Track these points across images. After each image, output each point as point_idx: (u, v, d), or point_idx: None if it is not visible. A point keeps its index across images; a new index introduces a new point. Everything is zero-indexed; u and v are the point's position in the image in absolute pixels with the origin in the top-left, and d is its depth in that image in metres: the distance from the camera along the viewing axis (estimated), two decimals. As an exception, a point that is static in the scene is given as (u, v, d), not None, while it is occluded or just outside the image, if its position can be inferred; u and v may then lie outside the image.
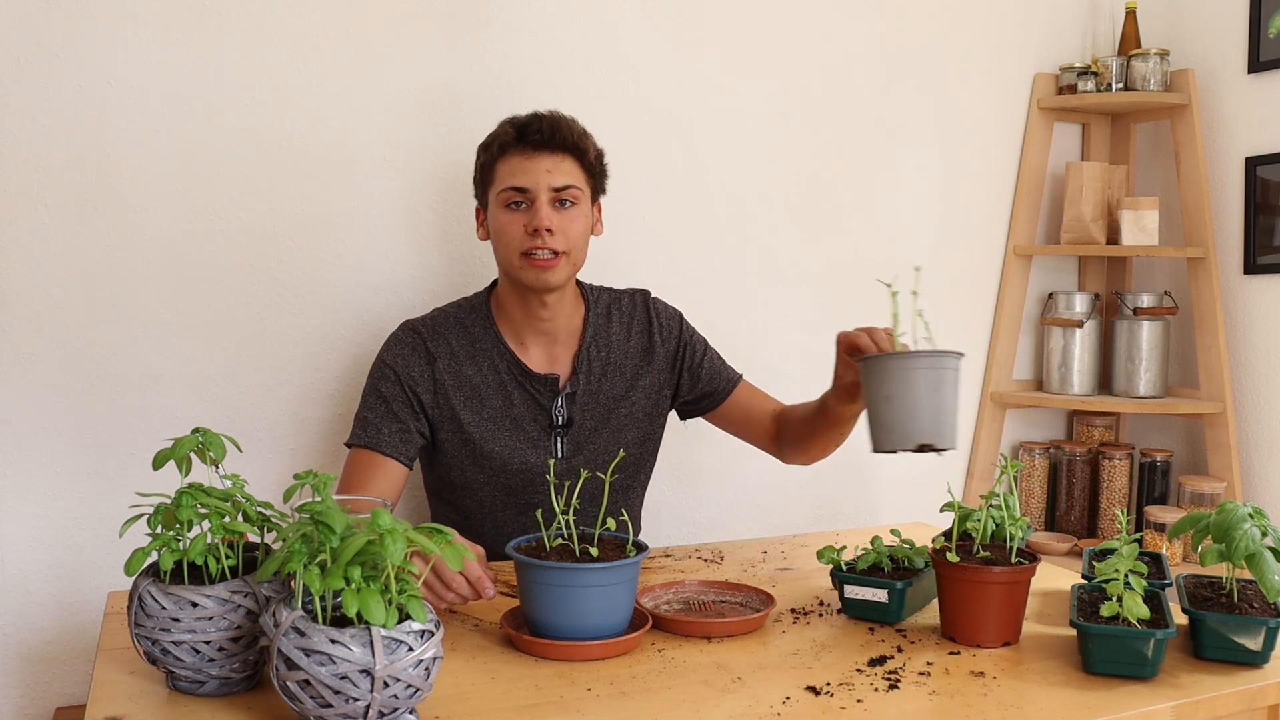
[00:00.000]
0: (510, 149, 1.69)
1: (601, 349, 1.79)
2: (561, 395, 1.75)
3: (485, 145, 1.74)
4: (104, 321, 1.85)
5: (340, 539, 1.01)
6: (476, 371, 1.73)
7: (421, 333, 1.74)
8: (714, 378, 1.86)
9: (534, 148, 1.67)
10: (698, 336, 1.89)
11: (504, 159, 1.69)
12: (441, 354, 1.73)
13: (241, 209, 1.93)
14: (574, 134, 1.70)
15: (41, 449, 1.83)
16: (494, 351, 1.74)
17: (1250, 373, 2.58)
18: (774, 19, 2.37)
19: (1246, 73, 2.55)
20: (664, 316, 1.86)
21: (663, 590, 1.47)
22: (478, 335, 1.75)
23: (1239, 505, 1.29)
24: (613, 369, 1.79)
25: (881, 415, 1.35)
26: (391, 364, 1.72)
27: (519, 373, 1.74)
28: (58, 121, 1.80)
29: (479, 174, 1.75)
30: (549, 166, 1.67)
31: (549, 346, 1.77)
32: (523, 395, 1.74)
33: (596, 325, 1.80)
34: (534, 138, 1.67)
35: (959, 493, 2.72)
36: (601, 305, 1.82)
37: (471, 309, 1.78)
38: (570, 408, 1.75)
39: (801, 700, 1.15)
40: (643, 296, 1.87)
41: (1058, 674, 1.23)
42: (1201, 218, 2.59)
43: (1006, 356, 2.72)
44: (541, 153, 1.67)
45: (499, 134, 1.71)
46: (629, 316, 1.83)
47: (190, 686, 1.12)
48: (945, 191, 2.61)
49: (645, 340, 1.83)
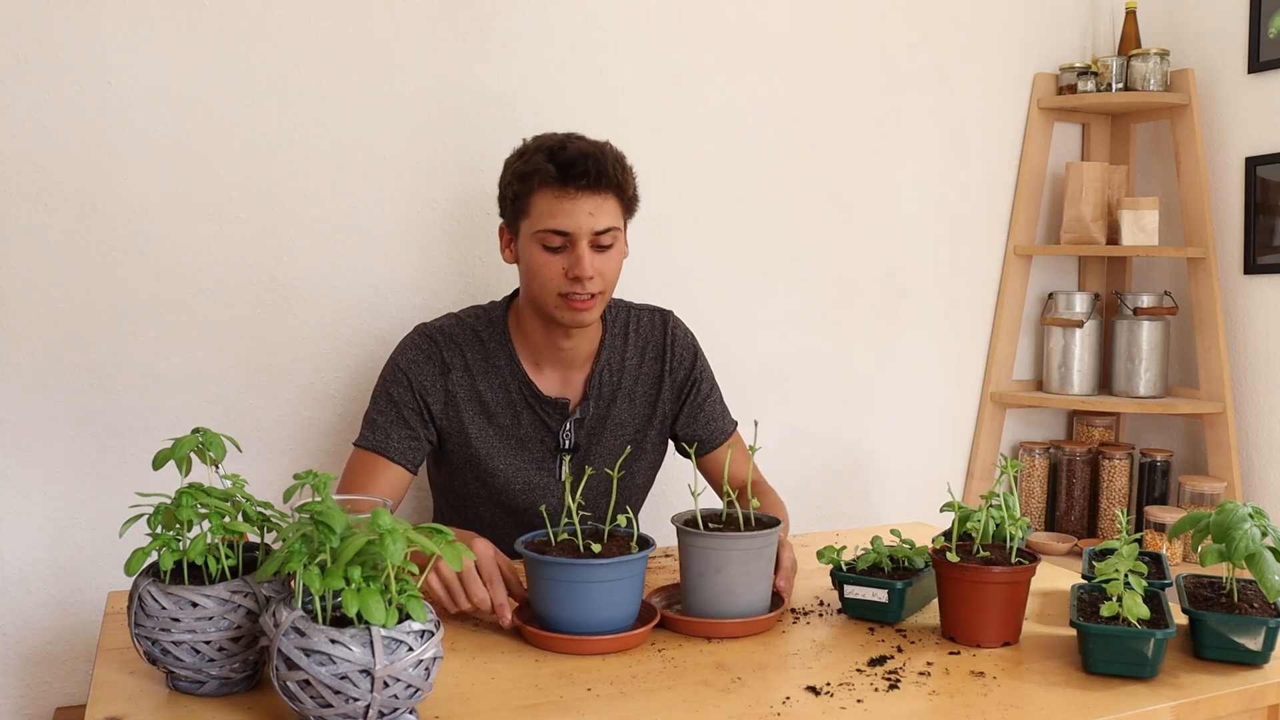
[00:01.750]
0: (549, 184, 1.58)
1: (614, 373, 1.75)
2: (570, 420, 1.72)
3: (521, 175, 1.61)
4: (104, 321, 1.85)
5: (340, 539, 1.01)
6: (488, 388, 1.70)
7: (438, 340, 1.70)
8: (709, 424, 1.82)
9: (577, 189, 1.57)
10: (708, 375, 1.84)
11: (541, 194, 1.59)
12: (456, 365, 1.69)
13: (241, 209, 1.93)
14: (618, 172, 1.61)
15: (41, 449, 1.83)
16: (506, 370, 1.70)
17: (1250, 373, 2.58)
18: (774, 20, 2.37)
19: (1246, 73, 2.55)
20: (680, 345, 1.80)
21: (663, 590, 1.47)
22: (492, 351, 1.71)
23: (1239, 505, 1.29)
24: (623, 394, 1.76)
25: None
26: (405, 369, 1.68)
27: (530, 394, 1.70)
28: (58, 121, 1.80)
29: (511, 201, 1.64)
30: (591, 209, 1.58)
31: (563, 370, 1.73)
32: (531, 416, 1.71)
33: (611, 348, 1.75)
34: (580, 180, 1.57)
35: (959, 493, 2.72)
36: (619, 325, 1.77)
37: (488, 322, 1.73)
38: (578, 432, 1.73)
39: (801, 700, 1.15)
40: (663, 318, 1.81)
41: (1058, 674, 1.23)
42: (1201, 218, 2.59)
43: (1006, 356, 2.72)
44: (584, 194, 1.57)
45: (537, 167, 1.59)
46: (645, 339, 1.79)
47: (190, 686, 1.12)
48: (945, 191, 2.61)
49: (658, 366, 1.79)
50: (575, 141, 1.62)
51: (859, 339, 2.54)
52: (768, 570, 1.37)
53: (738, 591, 1.34)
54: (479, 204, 2.10)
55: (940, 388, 2.66)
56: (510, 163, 1.66)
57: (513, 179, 1.63)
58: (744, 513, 1.40)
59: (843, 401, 2.53)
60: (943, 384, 2.66)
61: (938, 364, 2.65)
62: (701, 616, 1.34)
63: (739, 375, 2.32)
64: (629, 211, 1.68)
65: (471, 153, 2.09)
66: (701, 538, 1.33)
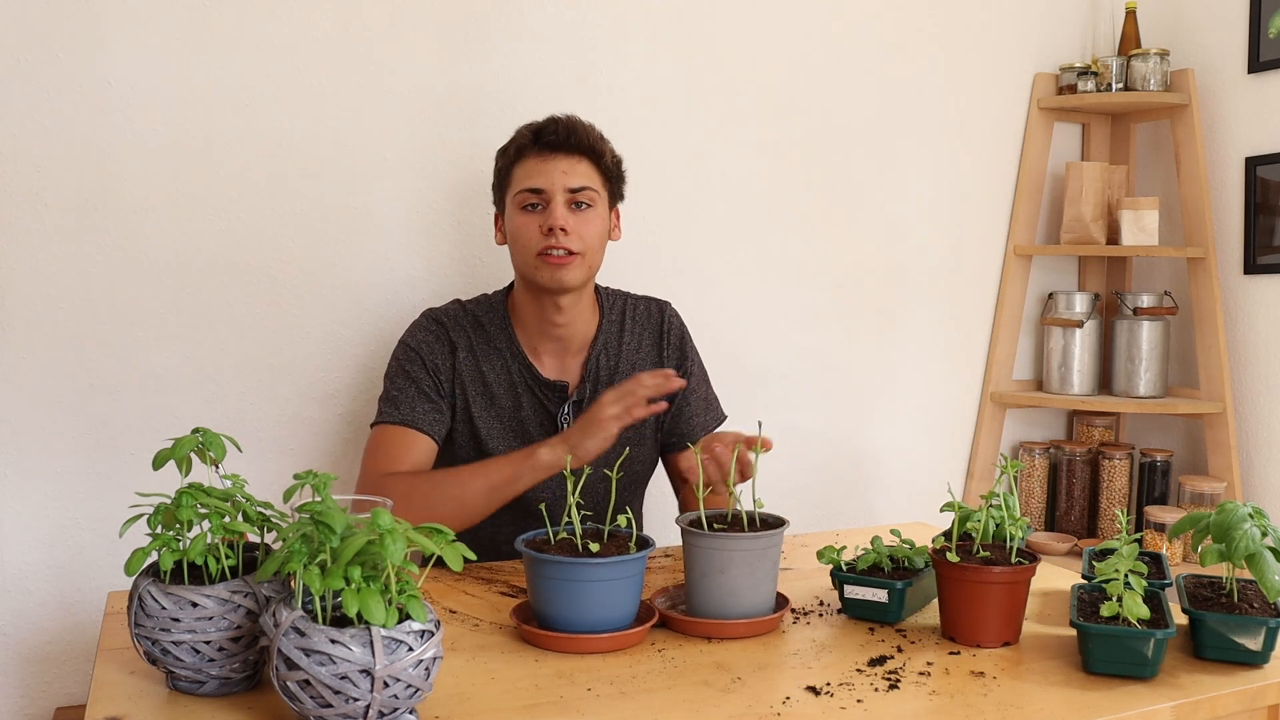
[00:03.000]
0: (527, 152, 1.69)
1: (611, 358, 1.79)
2: (569, 403, 1.75)
3: (503, 151, 1.74)
4: (104, 321, 1.85)
5: (340, 539, 1.01)
6: (490, 369, 1.74)
7: (444, 322, 1.75)
8: (690, 420, 1.84)
9: (550, 149, 1.67)
10: (699, 369, 1.86)
11: (520, 162, 1.70)
12: (461, 345, 1.74)
13: (241, 209, 1.93)
14: (590, 137, 1.70)
15: (41, 449, 1.83)
16: (507, 352, 1.75)
17: (1250, 373, 2.58)
18: (773, 20, 2.37)
19: (1246, 73, 2.55)
20: (673, 332, 1.85)
21: (666, 591, 1.47)
22: (493, 334, 1.75)
23: (1239, 505, 1.29)
24: (620, 378, 1.77)
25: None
26: (416, 348, 1.72)
27: (530, 377, 1.74)
28: (58, 121, 1.80)
29: (496, 179, 1.76)
30: (565, 168, 1.67)
31: (560, 354, 1.77)
32: (531, 400, 1.74)
33: (608, 334, 1.79)
34: (550, 139, 1.67)
35: (959, 493, 2.72)
36: (615, 312, 1.82)
37: (489, 307, 1.78)
38: (576, 416, 1.75)
39: (801, 700, 1.15)
40: (659, 307, 1.86)
41: (1058, 674, 1.23)
42: (1201, 218, 2.59)
43: (1006, 356, 2.72)
44: (557, 154, 1.67)
45: (516, 139, 1.72)
46: (642, 327, 1.83)
47: (190, 686, 1.12)
48: (945, 191, 2.61)
49: (655, 354, 1.82)
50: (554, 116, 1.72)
51: (859, 339, 2.54)
52: (772, 571, 1.37)
53: (741, 592, 1.33)
54: (478, 203, 2.10)
55: (940, 388, 2.66)
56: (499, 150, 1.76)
57: (498, 157, 1.76)
58: (749, 513, 1.40)
59: (843, 401, 2.53)
60: (943, 384, 2.66)
61: (938, 364, 2.65)
62: (705, 617, 1.34)
63: (739, 375, 2.32)
64: (610, 182, 1.74)
65: (471, 152, 2.09)
66: (705, 538, 1.33)
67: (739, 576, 1.33)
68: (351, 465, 2.04)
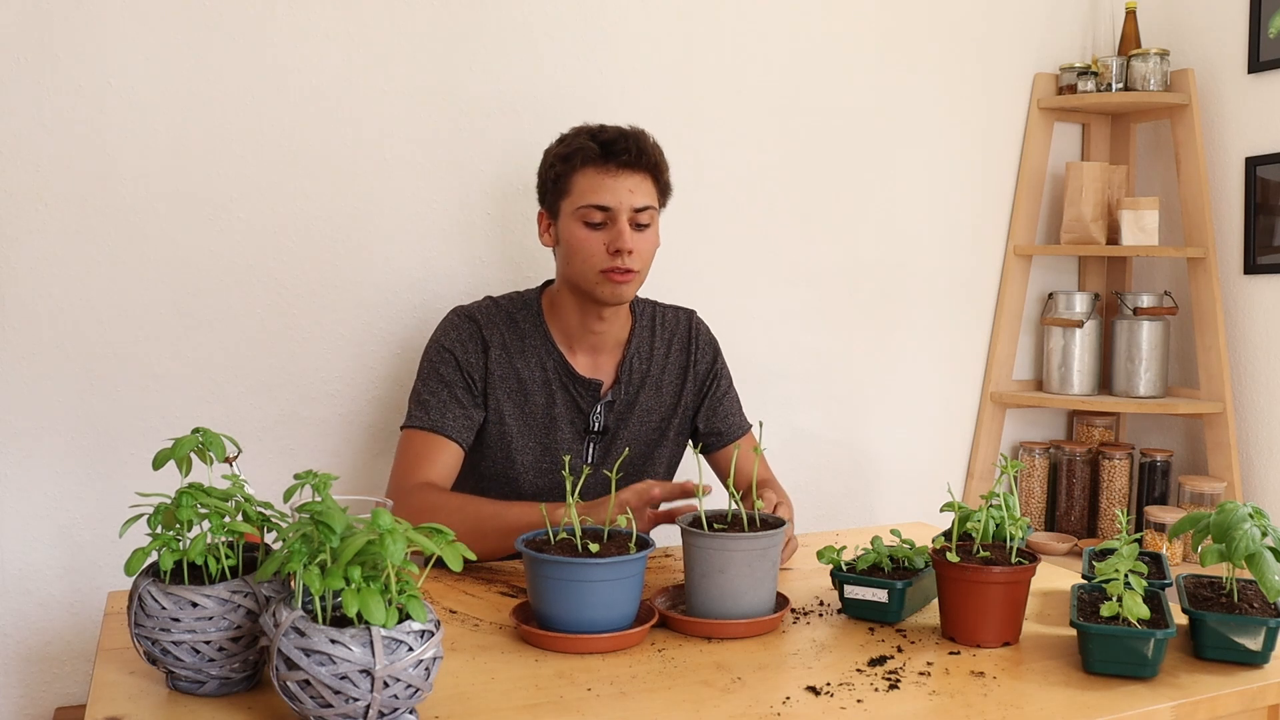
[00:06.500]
0: (592, 163, 1.66)
1: (643, 361, 1.81)
2: (602, 402, 1.77)
3: (563, 156, 1.69)
4: (104, 321, 1.85)
5: (340, 539, 1.01)
6: (524, 366, 1.74)
7: (477, 319, 1.75)
8: (727, 418, 1.88)
9: (618, 166, 1.66)
10: (726, 371, 1.91)
11: (583, 171, 1.67)
12: (495, 343, 1.74)
13: (241, 209, 1.93)
14: (656, 154, 1.70)
15: (41, 449, 1.83)
16: (542, 350, 1.75)
17: (1250, 373, 2.58)
18: (773, 20, 2.37)
19: (1246, 73, 2.56)
20: (703, 340, 1.88)
21: (667, 591, 1.47)
22: (527, 332, 1.76)
23: (1239, 505, 1.29)
24: (650, 382, 1.81)
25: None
26: (450, 348, 1.73)
27: (565, 374, 1.75)
28: (58, 121, 1.80)
29: (551, 182, 1.72)
30: (631, 186, 1.66)
31: (595, 355, 1.78)
32: (565, 397, 1.75)
33: (640, 337, 1.82)
34: (621, 157, 1.66)
35: (959, 493, 2.72)
36: (646, 318, 1.84)
37: (523, 305, 1.78)
38: (608, 415, 1.77)
39: (801, 700, 1.15)
40: (687, 315, 1.89)
41: (1058, 674, 1.23)
42: (1201, 218, 2.59)
43: (1006, 356, 2.72)
44: (625, 171, 1.66)
45: (579, 146, 1.68)
46: (671, 333, 1.85)
47: (190, 686, 1.12)
48: (945, 191, 2.61)
49: (683, 359, 1.85)
50: (614, 127, 1.71)
51: (859, 339, 2.54)
52: (771, 571, 1.37)
53: (741, 592, 1.34)
54: (479, 204, 2.10)
55: (940, 388, 2.66)
56: (550, 149, 1.75)
57: (554, 161, 1.72)
58: (748, 513, 1.40)
59: (843, 401, 2.53)
60: (943, 384, 2.66)
61: (938, 364, 2.65)
62: (705, 617, 1.34)
63: (739, 376, 2.30)
64: (663, 197, 1.75)
65: (471, 153, 2.09)
66: (705, 538, 1.33)
67: (739, 576, 1.33)
68: (352, 465, 2.04)
